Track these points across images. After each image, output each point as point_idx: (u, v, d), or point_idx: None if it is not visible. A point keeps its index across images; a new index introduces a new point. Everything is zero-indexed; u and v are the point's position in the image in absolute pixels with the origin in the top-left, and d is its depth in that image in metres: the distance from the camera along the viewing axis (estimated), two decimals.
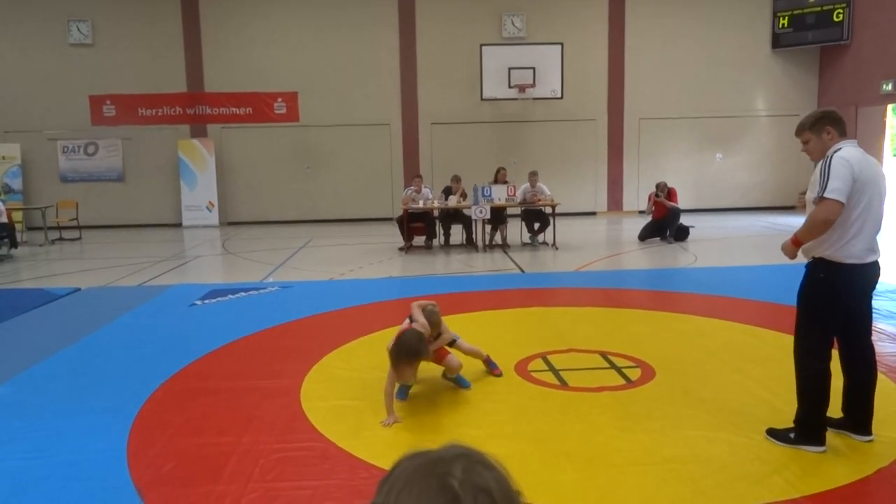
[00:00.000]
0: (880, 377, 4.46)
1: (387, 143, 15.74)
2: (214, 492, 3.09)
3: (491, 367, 4.66)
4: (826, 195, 3.13)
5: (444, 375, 4.45)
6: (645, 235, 11.53)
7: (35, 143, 15.23)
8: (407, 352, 3.86)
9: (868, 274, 3.34)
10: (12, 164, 14.94)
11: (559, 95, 14.58)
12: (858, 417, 3.50)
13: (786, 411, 3.89)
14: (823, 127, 3.34)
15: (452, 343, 4.52)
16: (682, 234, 11.45)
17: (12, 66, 15.06)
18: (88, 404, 4.24)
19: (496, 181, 11.35)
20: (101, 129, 15.35)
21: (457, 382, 4.41)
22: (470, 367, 4.58)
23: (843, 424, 3.56)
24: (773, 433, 3.53)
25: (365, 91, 15.46)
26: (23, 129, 15.11)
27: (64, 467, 3.39)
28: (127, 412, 4.07)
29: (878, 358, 4.81)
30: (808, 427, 3.41)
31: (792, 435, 3.44)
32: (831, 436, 3.56)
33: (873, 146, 14.24)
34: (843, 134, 3.34)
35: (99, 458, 3.48)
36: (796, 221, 13.99)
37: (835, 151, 3.24)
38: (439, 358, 4.34)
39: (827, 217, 3.16)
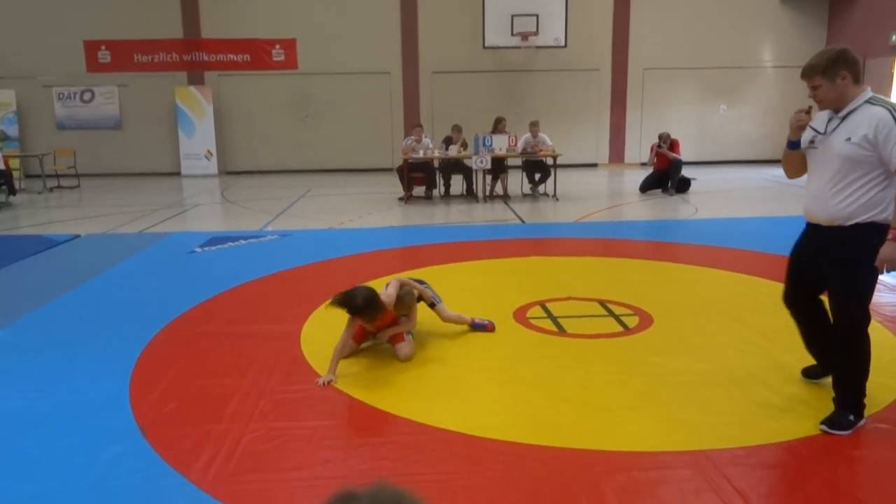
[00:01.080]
0: (877, 325, 4.50)
1: (387, 91, 15.52)
2: (216, 431, 3.14)
3: (480, 328, 4.47)
4: None
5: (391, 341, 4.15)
6: (646, 187, 11.47)
7: (30, 90, 15.01)
8: (344, 301, 3.77)
9: None
10: (7, 110, 14.76)
11: (562, 44, 14.31)
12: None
13: (782, 359, 3.93)
14: (838, 71, 2.94)
15: (433, 306, 4.36)
16: (683, 185, 11.38)
17: (5, 9, 14.74)
18: (90, 347, 4.27)
19: (495, 131, 11.24)
20: (97, 76, 15.11)
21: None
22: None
23: (819, 374, 3.54)
24: (830, 424, 3.08)
25: (365, 39, 15.16)
26: (17, 76, 14.87)
27: (67, 407, 3.43)
28: (128, 355, 4.11)
29: (875, 308, 4.84)
30: (859, 403, 3.13)
31: (851, 417, 3.09)
32: (825, 379, 3.59)
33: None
34: (857, 79, 2.97)
35: (102, 398, 3.52)
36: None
37: (886, 107, 2.87)
38: (394, 340, 4.08)
39: None
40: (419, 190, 11.23)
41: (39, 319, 4.91)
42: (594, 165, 16.00)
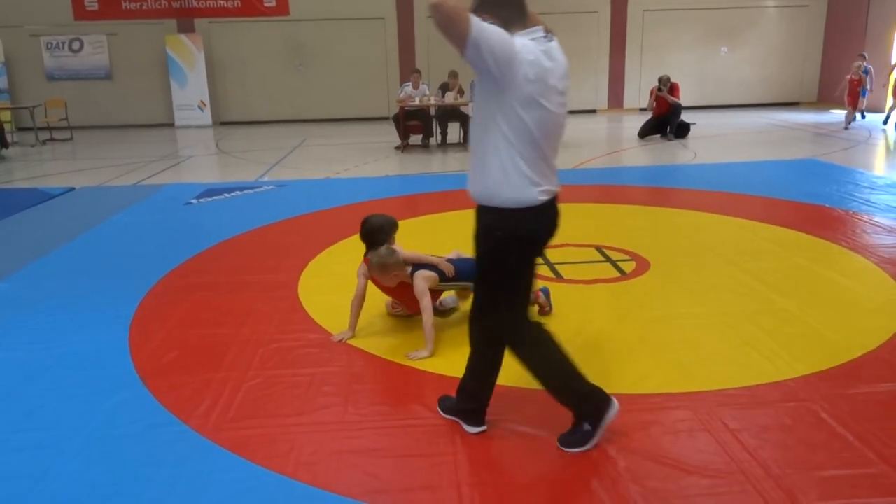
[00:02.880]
0: (872, 267, 4.52)
1: (381, 38, 15.19)
2: (216, 379, 3.17)
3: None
4: None
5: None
6: (645, 132, 11.35)
7: (18, 40, 14.69)
8: (362, 222, 3.64)
9: None
10: None
11: None
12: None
13: (777, 302, 3.96)
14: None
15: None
16: (682, 130, 11.26)
17: None
18: (88, 299, 4.28)
19: None
20: (85, 25, 14.77)
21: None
22: None
23: None
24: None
25: None
26: (4, 25, 14.53)
27: (68, 357, 3.46)
28: (127, 306, 4.12)
29: (874, 251, 4.86)
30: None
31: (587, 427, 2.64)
32: (818, 319, 3.62)
33: (884, 37, 13.79)
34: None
35: (101, 348, 3.55)
36: (801, 118, 13.80)
37: None
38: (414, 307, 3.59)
39: None
40: (416, 138, 11.10)
41: (37, 272, 4.91)
42: (593, 111, 15.80)
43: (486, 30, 2.20)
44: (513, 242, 2.44)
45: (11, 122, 13.24)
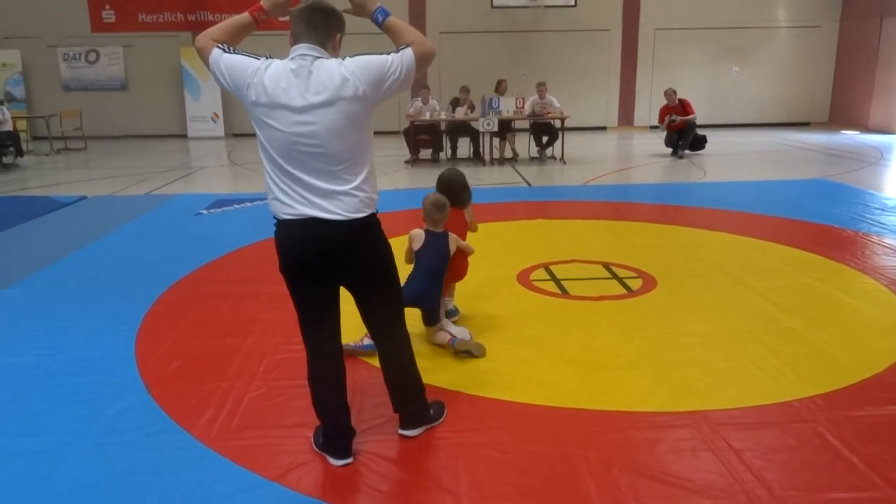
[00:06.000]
0: (881, 288, 4.49)
1: None
2: (220, 388, 3.18)
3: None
4: None
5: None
6: (669, 143, 11.36)
7: (35, 51, 14.90)
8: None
9: None
10: (13, 71, 14.67)
11: (572, 3, 14.05)
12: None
13: (784, 321, 3.94)
14: None
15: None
16: (698, 144, 11.20)
17: None
18: (96, 306, 4.31)
19: (496, 93, 11.08)
20: (102, 37, 14.97)
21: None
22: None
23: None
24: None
25: None
26: (22, 35, 14.75)
27: (74, 364, 3.48)
28: (134, 314, 4.15)
29: (883, 272, 4.83)
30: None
31: (432, 412, 2.84)
32: (825, 339, 3.60)
33: (895, 60, 13.78)
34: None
35: (108, 356, 3.57)
36: (812, 138, 13.74)
37: None
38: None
39: None
40: (426, 152, 11.15)
41: (47, 278, 4.96)
42: (603, 129, 15.82)
43: (222, 59, 2.60)
44: (279, 253, 2.51)
45: (27, 132, 13.39)
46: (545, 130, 11.13)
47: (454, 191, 3.90)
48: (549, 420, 2.89)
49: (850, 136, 13.82)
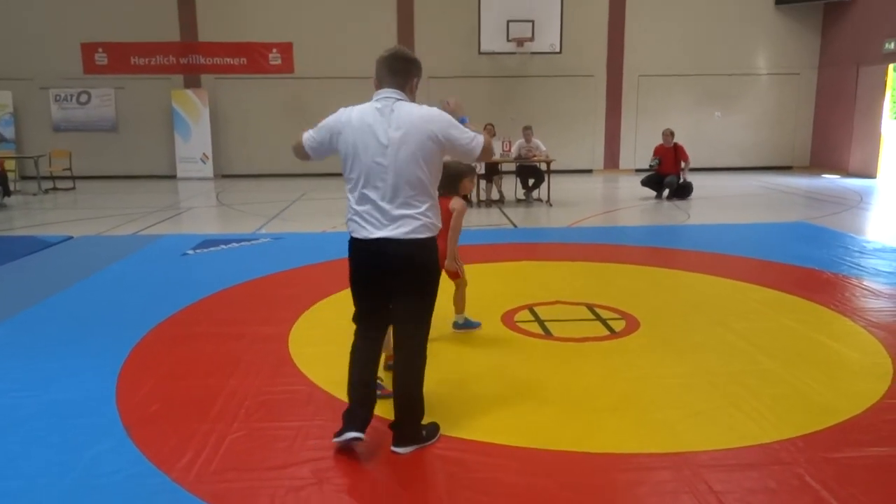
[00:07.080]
0: (860, 331, 4.54)
1: None
2: (200, 430, 3.15)
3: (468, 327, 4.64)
4: None
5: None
6: (646, 183, 11.59)
7: (27, 92, 15.03)
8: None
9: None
10: (4, 112, 14.77)
11: (558, 50, 14.36)
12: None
13: (764, 363, 3.97)
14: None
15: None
16: (684, 191, 11.44)
17: (3, 10, 14.76)
18: (79, 347, 4.29)
19: None
20: (94, 79, 15.14)
21: (466, 326, 4.57)
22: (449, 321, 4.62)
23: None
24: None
25: (361, 44, 15.14)
26: (14, 77, 14.88)
27: (53, 406, 3.45)
28: (116, 355, 4.12)
29: (862, 314, 4.89)
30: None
31: (424, 433, 3.04)
32: (805, 381, 3.63)
33: (872, 106, 14.14)
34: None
35: (88, 397, 3.54)
36: (793, 182, 13.98)
37: None
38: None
39: None
40: None
41: (30, 318, 4.93)
42: (589, 171, 16.05)
43: (314, 130, 3.33)
44: (350, 265, 2.98)
45: (15, 171, 13.42)
46: (531, 173, 11.29)
47: (447, 176, 4.03)
48: (530, 461, 2.89)
49: (831, 179, 14.10)
